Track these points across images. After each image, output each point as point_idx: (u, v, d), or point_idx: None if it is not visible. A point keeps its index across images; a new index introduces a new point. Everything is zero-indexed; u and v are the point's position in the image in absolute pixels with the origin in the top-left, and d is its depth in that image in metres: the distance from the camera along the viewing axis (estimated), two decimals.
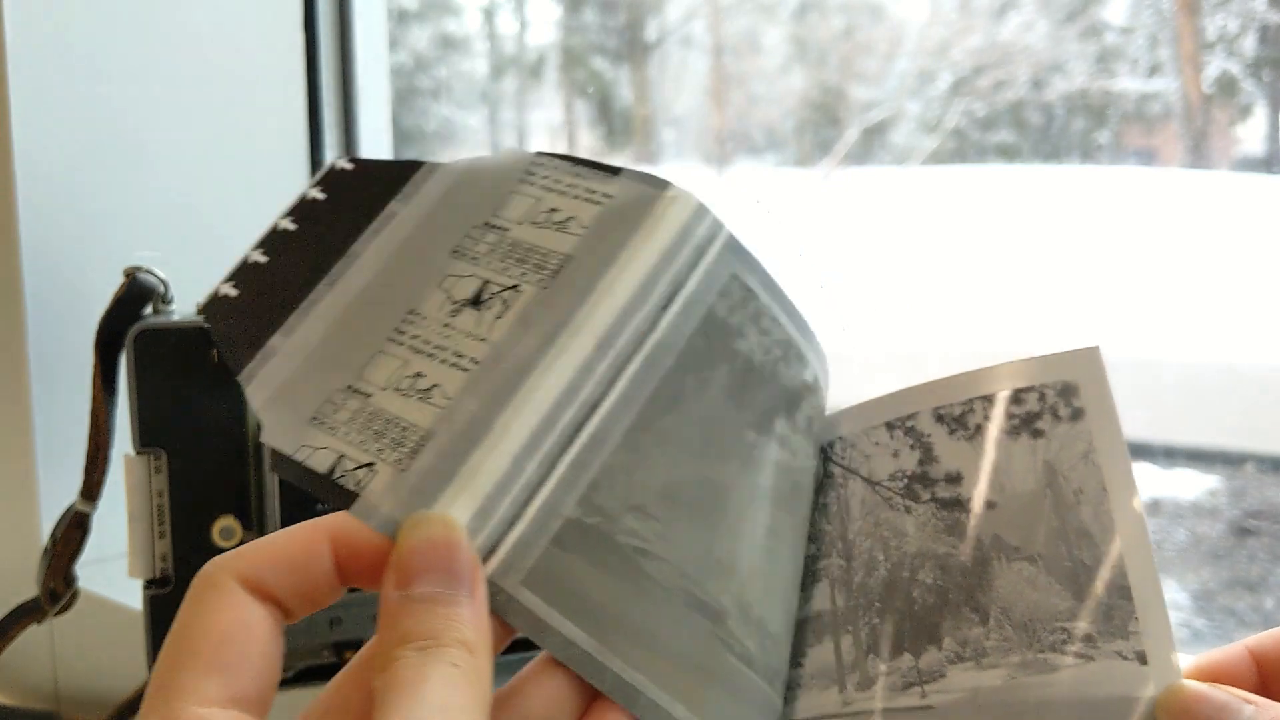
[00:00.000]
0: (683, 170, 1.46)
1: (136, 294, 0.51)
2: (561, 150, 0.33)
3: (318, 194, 0.31)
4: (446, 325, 0.28)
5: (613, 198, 0.29)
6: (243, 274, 0.29)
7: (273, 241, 0.29)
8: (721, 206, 0.30)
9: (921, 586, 0.30)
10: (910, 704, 0.29)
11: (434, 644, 0.23)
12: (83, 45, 0.69)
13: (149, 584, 0.51)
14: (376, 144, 0.87)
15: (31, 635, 0.63)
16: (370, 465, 0.26)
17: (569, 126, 1.52)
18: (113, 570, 0.67)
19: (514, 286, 0.28)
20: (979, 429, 0.31)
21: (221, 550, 0.49)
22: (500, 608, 0.25)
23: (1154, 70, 0.90)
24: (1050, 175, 0.94)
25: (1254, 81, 0.85)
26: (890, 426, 0.32)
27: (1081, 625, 0.28)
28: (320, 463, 0.26)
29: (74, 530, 0.56)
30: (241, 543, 0.49)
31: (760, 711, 0.29)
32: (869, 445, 0.32)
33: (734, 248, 0.31)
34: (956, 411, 0.31)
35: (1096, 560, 0.28)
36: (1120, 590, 0.28)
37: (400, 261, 0.29)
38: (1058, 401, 0.30)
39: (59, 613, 0.59)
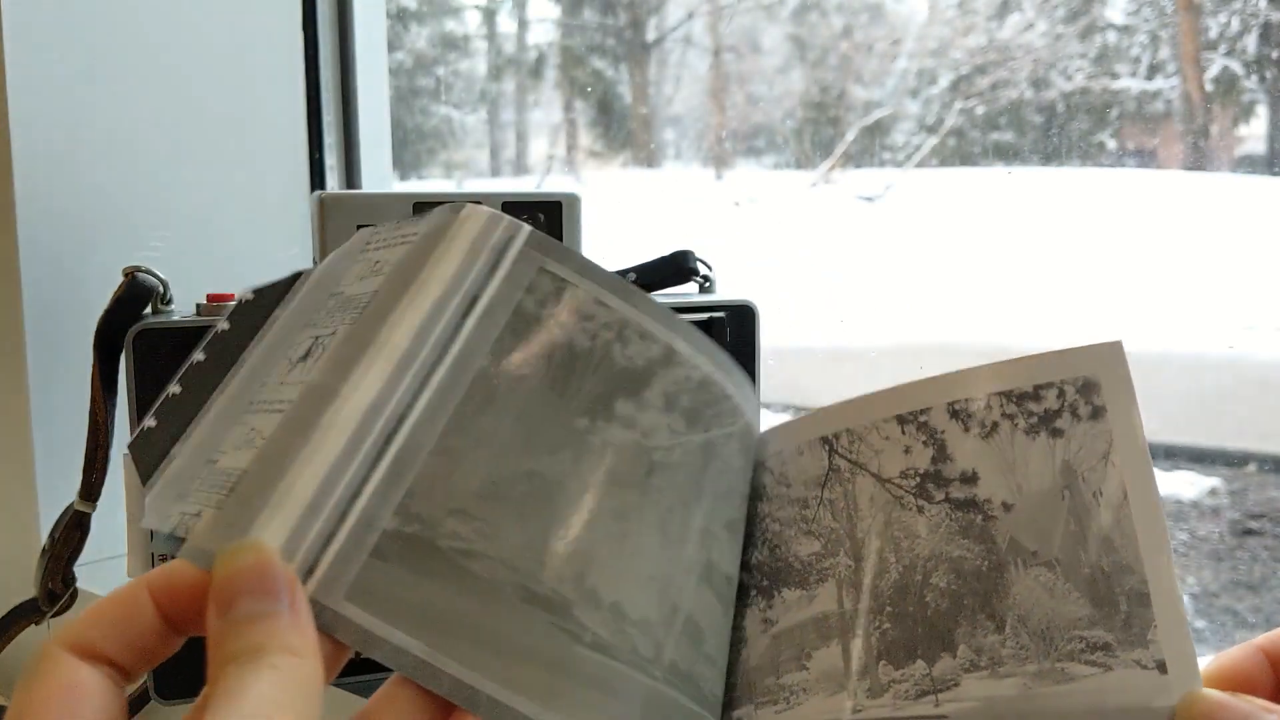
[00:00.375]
0: (682, 170, 1.46)
1: (136, 294, 0.51)
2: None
3: (225, 325, 0.32)
4: (282, 383, 0.29)
5: (417, 234, 0.31)
6: (163, 407, 0.30)
7: (187, 374, 0.31)
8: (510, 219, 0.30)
9: (935, 591, 0.29)
10: (923, 713, 0.28)
11: (255, 654, 0.24)
12: (82, 45, 0.69)
13: None
14: (376, 144, 0.87)
15: (30, 636, 0.63)
16: (198, 513, 0.27)
17: (569, 126, 1.52)
18: (112, 570, 0.67)
19: (333, 333, 0.30)
20: (995, 426, 0.30)
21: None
22: (327, 625, 0.26)
23: (1155, 69, 0.90)
24: (1050, 176, 0.94)
25: (1256, 80, 0.85)
26: (902, 421, 0.31)
27: (1100, 634, 0.27)
28: (174, 526, 0.27)
29: (73, 530, 0.56)
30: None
31: (630, 700, 0.28)
32: (878, 440, 0.31)
33: (538, 244, 0.31)
34: (972, 407, 0.30)
35: (1116, 567, 0.27)
36: (1139, 598, 0.27)
37: (268, 350, 0.31)
38: (1078, 399, 0.29)
39: (58, 613, 0.59)
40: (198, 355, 0.31)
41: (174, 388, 0.30)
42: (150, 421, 0.30)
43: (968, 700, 0.27)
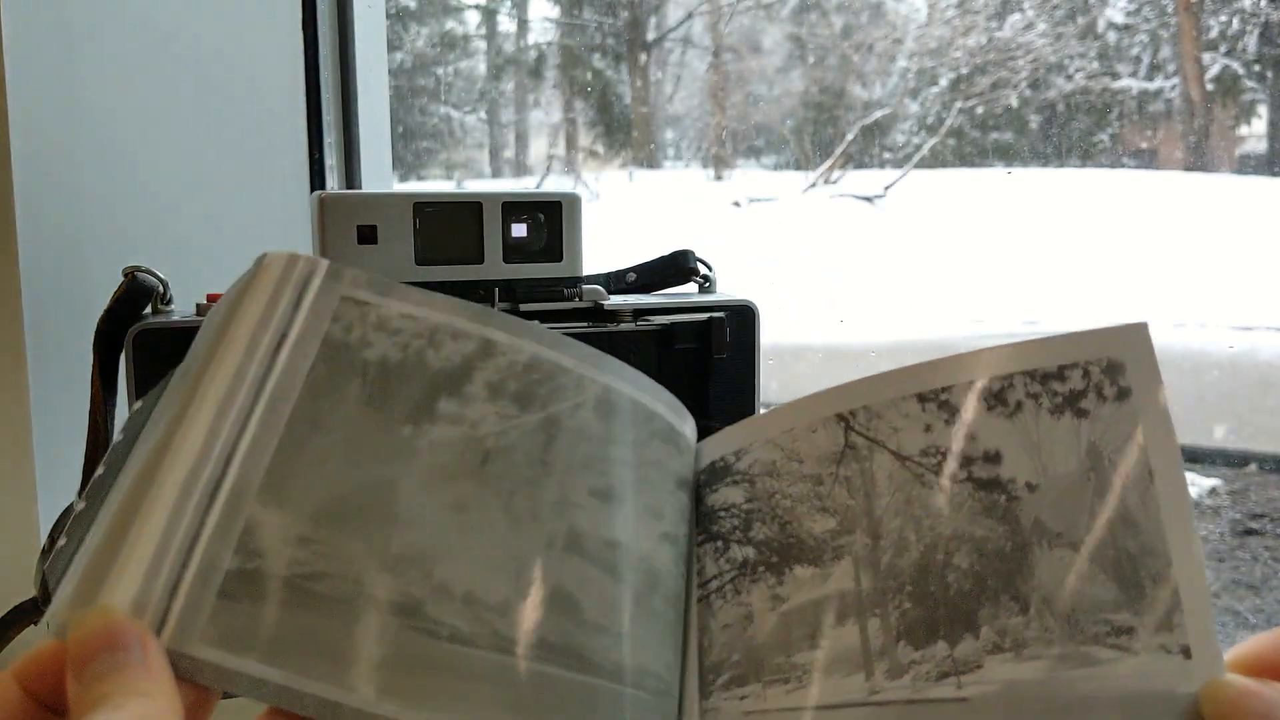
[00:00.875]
0: (682, 171, 1.46)
1: (136, 294, 0.50)
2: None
3: (119, 436, 0.34)
4: (135, 462, 0.31)
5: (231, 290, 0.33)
6: (71, 524, 0.32)
7: (90, 488, 0.33)
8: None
9: (957, 571, 0.28)
10: (944, 695, 0.27)
11: (103, 701, 0.25)
12: (82, 44, 0.69)
13: None
14: (376, 144, 0.87)
15: (30, 636, 0.62)
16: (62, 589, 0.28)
17: (569, 126, 1.52)
18: None
19: (165, 394, 0.32)
20: (1019, 406, 0.29)
21: None
22: (187, 671, 0.26)
23: (1155, 69, 0.89)
24: (1050, 176, 0.94)
25: (1256, 80, 0.85)
26: (922, 399, 0.30)
27: (1125, 617, 0.27)
28: (58, 611, 0.28)
29: None
30: None
31: (503, 684, 0.28)
32: (897, 417, 0.30)
33: (337, 274, 0.32)
34: (996, 386, 0.30)
35: (1142, 550, 0.27)
36: (1165, 581, 0.27)
37: (140, 441, 0.33)
38: (1103, 380, 0.29)
39: None
40: (99, 470, 0.33)
41: (79, 503, 0.31)
42: (61, 540, 0.31)
43: (990, 683, 0.27)
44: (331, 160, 0.83)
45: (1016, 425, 0.29)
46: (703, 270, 0.54)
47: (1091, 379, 0.29)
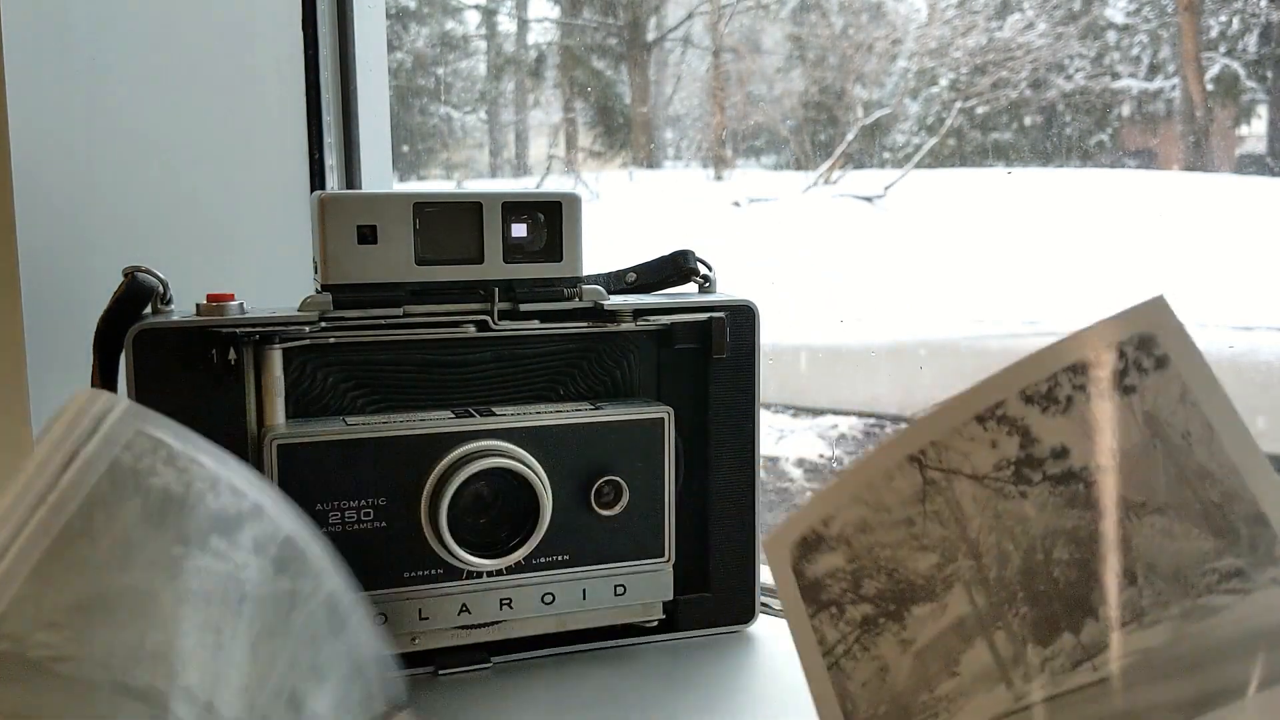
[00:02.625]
0: (682, 170, 1.46)
1: (136, 294, 0.50)
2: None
3: None
4: None
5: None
6: None
7: None
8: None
9: (1060, 564, 0.30)
10: (1083, 681, 0.28)
11: None
12: (81, 44, 0.69)
13: None
14: (376, 144, 0.87)
15: None
16: None
17: (569, 126, 1.52)
18: None
19: None
20: (1070, 400, 0.30)
21: None
22: None
23: (1155, 70, 0.89)
24: (1050, 176, 0.94)
25: (1256, 80, 0.85)
26: (980, 419, 0.32)
27: (1230, 561, 0.28)
28: None
29: None
30: None
31: None
32: (963, 443, 0.32)
33: (137, 413, 0.35)
34: (1043, 389, 0.31)
35: (1224, 495, 0.28)
36: (1257, 518, 0.28)
37: None
38: (1139, 355, 0.30)
39: None
40: None
41: None
42: None
43: (1124, 657, 0.28)
44: (331, 160, 0.83)
45: (1073, 418, 0.30)
46: (703, 270, 0.54)
47: (1128, 357, 0.30)
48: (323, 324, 0.49)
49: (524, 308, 0.50)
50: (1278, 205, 0.86)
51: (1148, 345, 0.30)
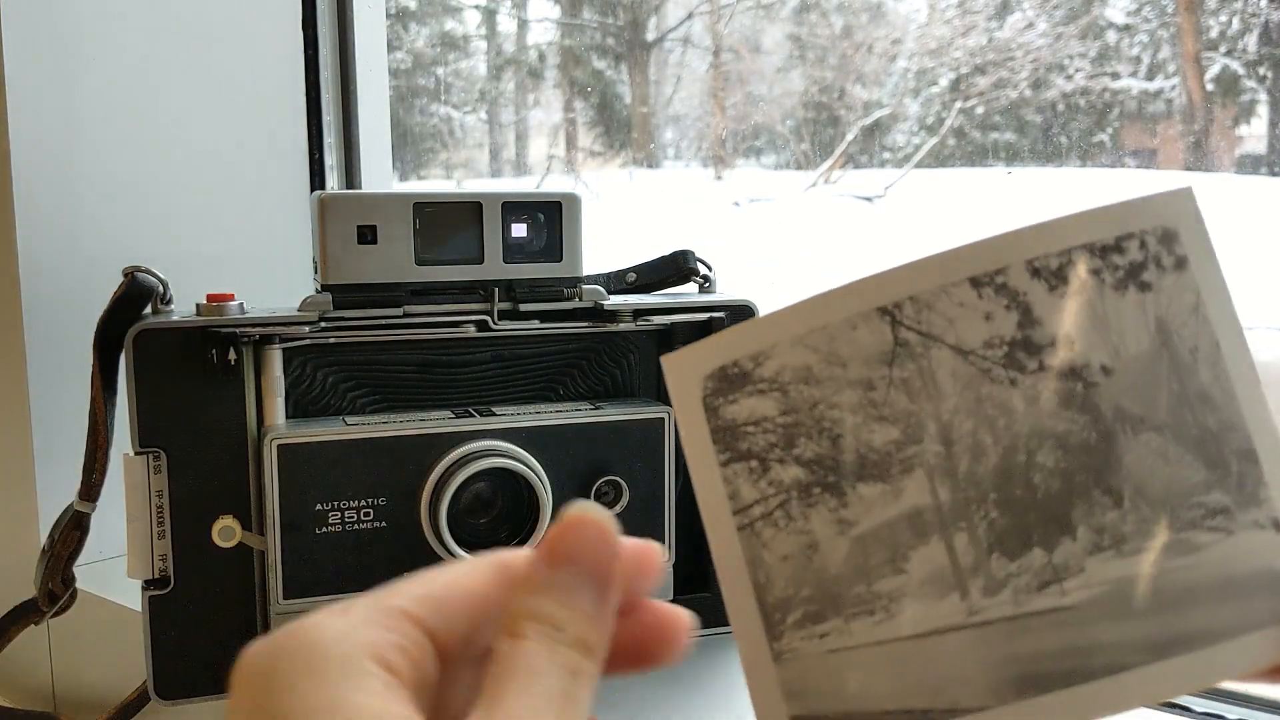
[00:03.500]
0: (682, 170, 1.46)
1: (136, 294, 0.50)
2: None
3: None
4: None
5: None
6: None
7: None
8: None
9: (1042, 471, 0.27)
10: (1048, 605, 0.26)
11: (556, 634, 0.23)
12: (82, 44, 0.69)
13: (148, 584, 0.51)
14: (376, 144, 0.87)
15: (29, 636, 0.62)
16: None
17: (569, 126, 1.52)
18: (111, 571, 0.67)
19: None
20: (1084, 284, 0.27)
21: (221, 550, 0.49)
22: None
23: (1155, 69, 0.89)
24: (1050, 176, 0.94)
25: (1256, 80, 0.85)
26: (976, 283, 0.28)
27: (1218, 497, 0.26)
28: None
29: (73, 530, 0.56)
30: (240, 544, 0.49)
31: None
32: (951, 307, 0.28)
33: None
34: (1054, 264, 0.27)
35: (1221, 425, 0.26)
36: (1247, 455, 0.26)
37: None
38: (1160, 250, 0.27)
39: (57, 614, 0.59)
40: None
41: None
42: None
43: (1096, 585, 0.26)
44: (331, 160, 0.83)
45: (1083, 305, 0.27)
46: (702, 270, 0.54)
47: (1150, 249, 0.27)
48: (322, 324, 0.49)
49: (524, 308, 0.50)
50: (1278, 205, 0.86)
51: (1169, 241, 0.27)
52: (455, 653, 0.24)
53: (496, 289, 0.50)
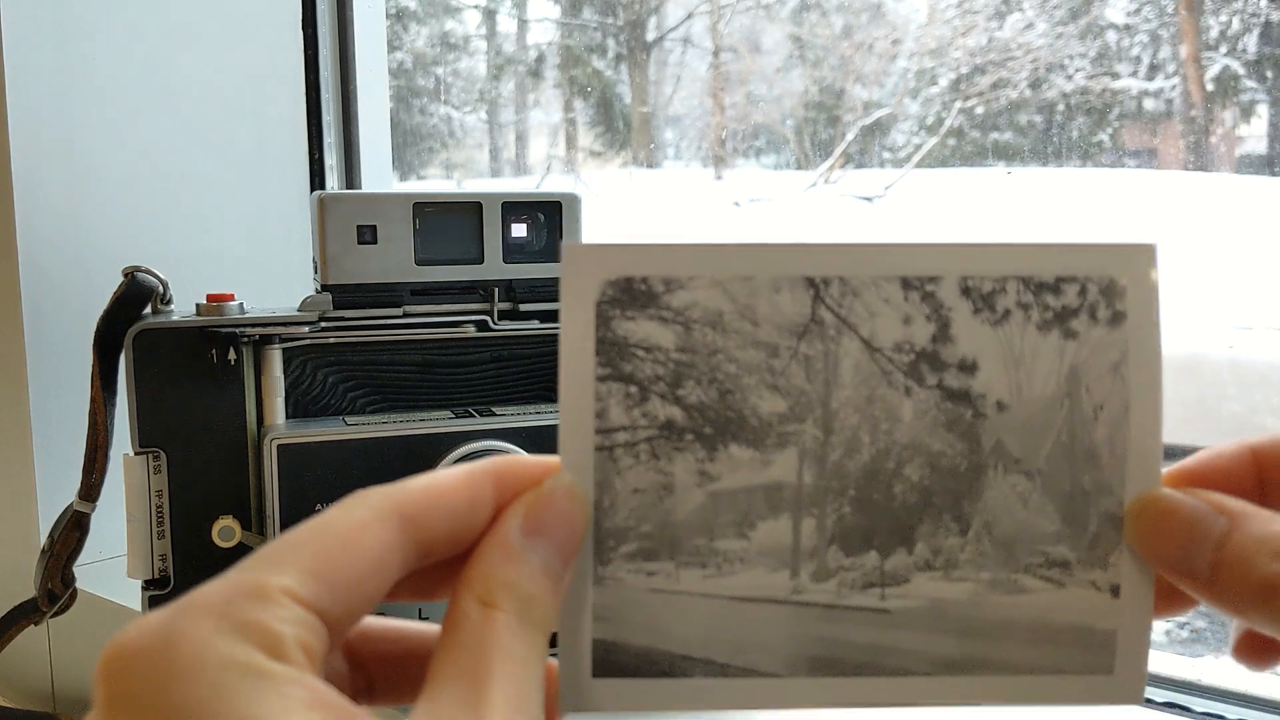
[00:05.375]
0: (682, 170, 1.46)
1: (136, 294, 0.51)
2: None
3: None
4: None
5: None
6: None
7: None
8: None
9: (906, 483, 0.27)
10: (866, 604, 0.27)
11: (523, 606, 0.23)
12: (82, 45, 0.69)
13: (148, 584, 0.51)
14: (376, 144, 0.87)
15: (29, 636, 0.62)
16: None
17: (569, 126, 1.52)
18: (111, 571, 0.67)
19: None
20: (1007, 314, 0.27)
21: (221, 551, 0.49)
22: None
23: (1155, 70, 0.89)
24: (1050, 176, 0.94)
25: (1256, 80, 0.85)
26: (906, 284, 0.27)
27: (1062, 550, 0.26)
28: None
29: (72, 531, 0.56)
30: (241, 544, 0.49)
31: None
32: (876, 301, 0.27)
33: None
34: (986, 288, 0.27)
35: (1097, 485, 0.26)
36: (1112, 520, 0.26)
37: None
38: (1099, 300, 0.27)
39: (57, 613, 0.59)
40: None
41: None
42: None
43: (915, 599, 0.27)
44: (331, 160, 0.83)
45: (1000, 335, 0.27)
46: None
47: (1088, 297, 0.27)
48: (322, 324, 0.49)
49: (524, 308, 0.50)
50: (1278, 205, 0.86)
51: (1111, 294, 0.27)
52: (345, 624, 0.22)
53: (496, 289, 0.50)
